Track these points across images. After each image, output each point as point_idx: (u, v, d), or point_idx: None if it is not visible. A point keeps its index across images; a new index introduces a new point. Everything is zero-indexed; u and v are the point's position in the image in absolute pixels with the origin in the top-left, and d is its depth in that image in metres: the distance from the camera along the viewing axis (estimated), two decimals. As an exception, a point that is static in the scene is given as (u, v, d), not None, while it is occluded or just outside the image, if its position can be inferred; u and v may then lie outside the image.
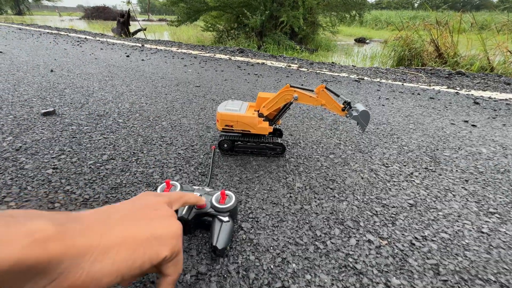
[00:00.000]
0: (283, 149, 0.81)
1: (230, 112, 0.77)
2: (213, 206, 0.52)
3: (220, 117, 0.77)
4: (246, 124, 0.77)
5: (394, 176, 0.76)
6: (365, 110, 0.75)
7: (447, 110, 1.41)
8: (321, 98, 0.77)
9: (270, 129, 0.79)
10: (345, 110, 0.77)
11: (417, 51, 4.27)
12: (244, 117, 0.76)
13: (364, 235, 0.54)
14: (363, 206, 0.62)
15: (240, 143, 0.80)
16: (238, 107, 0.80)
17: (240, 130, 0.78)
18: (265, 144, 0.80)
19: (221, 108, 0.79)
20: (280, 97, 0.77)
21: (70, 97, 1.30)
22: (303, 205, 0.62)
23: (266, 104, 0.79)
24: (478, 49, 3.60)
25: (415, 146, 0.96)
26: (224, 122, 0.77)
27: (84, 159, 0.76)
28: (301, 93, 0.76)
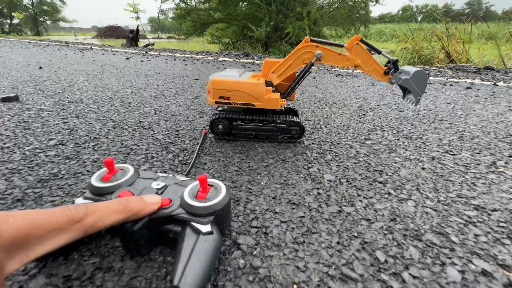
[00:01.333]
0: (301, 131, 0.58)
1: (227, 79, 0.54)
2: (184, 205, 0.28)
3: (212, 85, 0.54)
4: (249, 95, 0.54)
5: (470, 166, 0.51)
6: (420, 70, 0.52)
7: (495, 98, 1.16)
8: (354, 56, 0.54)
9: (282, 102, 0.56)
10: (389, 74, 0.55)
11: (427, 58, 4.08)
12: (246, 84, 0.54)
13: (470, 261, 0.28)
14: (443, 209, 0.37)
15: (241, 122, 0.57)
16: (238, 73, 0.58)
17: (241, 104, 0.55)
18: (275, 124, 0.57)
19: (214, 75, 0.57)
20: (297, 57, 0.55)
21: (46, 87, 1.12)
22: (342, 207, 0.37)
23: (277, 68, 0.56)
24: (491, 55, 3.43)
25: (478, 131, 0.71)
26: (218, 92, 0.55)
27: (23, 144, 0.54)
28: (327, 49, 0.54)
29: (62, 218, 0.20)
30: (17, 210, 0.34)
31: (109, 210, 0.23)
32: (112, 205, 0.24)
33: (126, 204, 0.25)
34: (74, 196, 0.38)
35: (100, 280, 0.25)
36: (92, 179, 0.31)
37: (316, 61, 0.54)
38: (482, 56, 3.60)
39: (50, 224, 0.19)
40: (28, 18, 21.08)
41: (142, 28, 7.70)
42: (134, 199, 0.26)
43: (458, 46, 3.83)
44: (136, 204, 0.25)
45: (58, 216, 0.20)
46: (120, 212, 0.24)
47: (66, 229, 0.20)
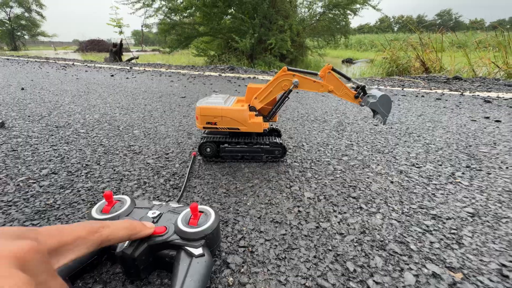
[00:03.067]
0: (283, 151, 0.63)
1: (213, 106, 0.59)
2: (178, 231, 0.32)
3: (200, 112, 0.59)
4: (234, 120, 0.59)
5: (432, 178, 0.57)
6: (385, 94, 0.59)
7: (461, 108, 1.27)
8: (327, 82, 0.61)
9: (265, 125, 0.61)
10: (359, 97, 0.61)
11: (404, 66, 4.36)
12: (230, 111, 0.59)
13: (424, 265, 0.34)
14: (406, 220, 0.43)
15: (227, 145, 0.61)
16: (223, 100, 0.62)
17: (227, 128, 0.60)
18: (260, 145, 0.62)
19: (201, 102, 0.61)
20: (276, 84, 0.61)
21: (31, 110, 1.12)
22: (319, 223, 0.42)
23: (259, 94, 0.62)
24: (461, 63, 3.71)
25: (442, 143, 0.79)
26: (205, 118, 0.59)
27: (15, 175, 0.56)
28: (303, 77, 0.60)
29: (84, 229, 0.24)
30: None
31: (119, 226, 0.27)
32: (120, 223, 0.28)
33: (131, 224, 0.28)
34: (72, 226, 0.40)
35: (104, 305, 0.28)
36: (92, 211, 0.34)
37: (294, 87, 0.60)
38: (454, 64, 3.88)
39: (74, 234, 0.23)
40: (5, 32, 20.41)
41: (126, 42, 7.66)
42: (136, 221, 0.30)
43: (432, 55, 4.11)
44: (138, 225, 0.29)
45: (80, 228, 0.24)
46: (127, 229, 0.27)
47: (87, 239, 0.24)
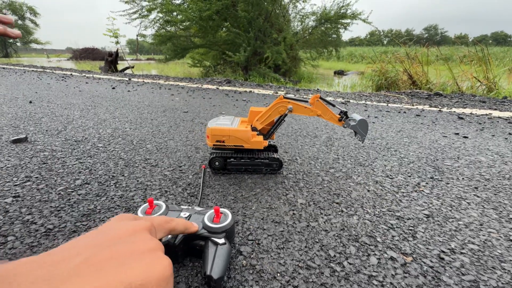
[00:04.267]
0: (280, 164, 0.75)
1: (221, 127, 0.71)
2: (205, 227, 0.43)
3: (211, 132, 0.71)
4: (239, 139, 0.71)
5: (401, 187, 0.70)
6: (363, 119, 0.73)
7: (436, 125, 1.43)
8: (316, 108, 0.74)
9: (265, 143, 0.73)
10: (342, 120, 0.75)
11: (393, 79, 4.61)
12: (236, 131, 0.71)
13: (385, 252, 0.46)
14: (376, 220, 0.55)
15: (233, 160, 0.73)
16: (230, 121, 0.75)
17: (233, 146, 0.72)
18: (260, 160, 0.74)
19: (211, 123, 0.73)
20: (274, 109, 0.73)
21: (47, 125, 1.21)
22: (309, 222, 0.54)
23: (260, 117, 0.74)
24: (446, 77, 3.94)
25: (414, 157, 0.93)
26: (215, 137, 0.71)
27: (54, 185, 0.66)
28: (296, 104, 0.73)
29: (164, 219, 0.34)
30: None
31: (179, 222, 0.37)
32: (180, 220, 0.37)
33: (186, 222, 0.39)
34: (115, 226, 0.51)
35: (154, 280, 0.39)
36: (138, 213, 0.45)
37: (289, 112, 0.73)
38: (440, 78, 4.14)
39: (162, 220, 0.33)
40: (-3, 40, 20.19)
41: (121, 51, 7.77)
42: (188, 221, 0.40)
43: (418, 68, 4.37)
44: (189, 223, 0.39)
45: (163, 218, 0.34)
46: (184, 225, 0.37)
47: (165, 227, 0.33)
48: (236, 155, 0.74)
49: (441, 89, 3.78)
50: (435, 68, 4.33)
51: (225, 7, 5.60)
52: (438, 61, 4.99)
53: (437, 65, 4.54)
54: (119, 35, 7.72)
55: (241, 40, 5.54)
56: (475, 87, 3.64)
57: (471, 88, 3.65)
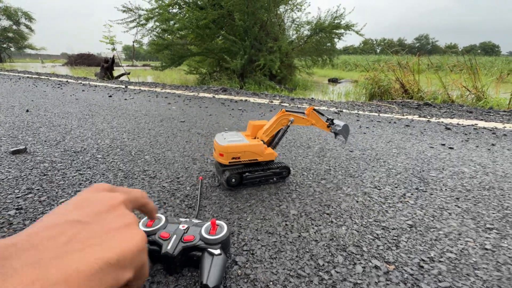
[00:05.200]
0: (288, 171, 0.80)
1: (236, 143, 0.72)
2: (202, 238, 0.46)
3: (226, 150, 0.70)
4: (254, 153, 0.74)
5: (388, 198, 0.74)
6: (345, 124, 0.81)
7: (424, 135, 1.49)
8: (311, 118, 0.79)
9: (275, 153, 0.78)
10: (329, 127, 0.81)
11: (385, 88, 4.73)
12: (251, 146, 0.73)
13: (370, 261, 0.49)
14: (363, 230, 0.59)
15: (248, 174, 0.75)
16: (239, 137, 0.76)
17: (247, 160, 0.75)
18: (271, 170, 0.77)
19: (223, 142, 0.73)
20: (278, 122, 0.78)
21: (45, 135, 1.23)
22: (300, 233, 0.57)
23: (265, 130, 0.78)
24: (437, 85, 4.05)
25: (401, 168, 0.97)
26: (231, 154, 0.71)
27: (55, 197, 0.68)
28: (296, 116, 0.78)
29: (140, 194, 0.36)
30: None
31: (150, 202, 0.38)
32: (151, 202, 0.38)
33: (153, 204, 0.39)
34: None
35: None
36: (140, 224, 0.48)
37: (291, 123, 0.78)
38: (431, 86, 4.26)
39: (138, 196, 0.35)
40: (-10, 44, 20.05)
41: (117, 58, 7.80)
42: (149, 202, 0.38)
43: (410, 77, 4.48)
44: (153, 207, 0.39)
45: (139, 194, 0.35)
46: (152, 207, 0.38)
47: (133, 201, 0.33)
48: (249, 169, 0.75)
49: (432, 98, 3.89)
50: (427, 77, 4.45)
51: (221, 16, 5.70)
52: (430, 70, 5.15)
53: (428, 74, 4.68)
54: (115, 42, 7.75)
55: (237, 48, 5.63)
56: (464, 96, 3.77)
57: (461, 97, 3.77)
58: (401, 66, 4.71)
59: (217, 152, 0.74)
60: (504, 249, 0.54)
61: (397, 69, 4.61)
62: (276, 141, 0.80)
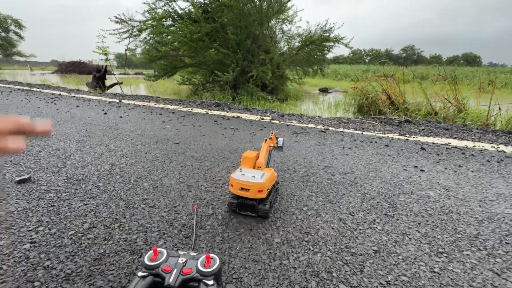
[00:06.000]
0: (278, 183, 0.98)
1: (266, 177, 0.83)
2: (198, 271, 0.55)
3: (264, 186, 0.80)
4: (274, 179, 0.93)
5: (360, 224, 0.86)
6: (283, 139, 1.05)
7: (400, 156, 1.63)
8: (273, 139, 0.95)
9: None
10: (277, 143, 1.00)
11: (373, 99, 4.95)
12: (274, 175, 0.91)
13: (338, 286, 0.60)
14: (334, 257, 0.69)
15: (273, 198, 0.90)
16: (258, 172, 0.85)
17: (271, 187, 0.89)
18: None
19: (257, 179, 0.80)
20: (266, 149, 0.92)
21: (46, 160, 1.30)
22: (282, 261, 0.67)
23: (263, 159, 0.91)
24: (422, 97, 4.25)
25: (375, 193, 1.09)
26: (268, 187, 0.83)
27: (64, 229, 0.76)
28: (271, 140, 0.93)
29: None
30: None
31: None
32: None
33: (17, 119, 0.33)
34: (125, 270, 0.62)
35: (160, 316, 0.50)
36: (145, 259, 0.57)
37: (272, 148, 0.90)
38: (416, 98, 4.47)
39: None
40: (-22, 52, 19.68)
41: (110, 67, 7.83)
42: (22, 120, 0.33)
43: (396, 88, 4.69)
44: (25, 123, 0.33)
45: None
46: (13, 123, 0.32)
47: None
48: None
49: (416, 109, 4.11)
50: (412, 88, 4.68)
51: (215, 30, 5.86)
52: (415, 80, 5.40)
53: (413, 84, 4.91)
54: (108, 53, 7.79)
55: (230, 61, 5.79)
56: (446, 107, 3.99)
57: (444, 108, 3.99)
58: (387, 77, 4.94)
59: (254, 189, 0.79)
60: (449, 271, 0.66)
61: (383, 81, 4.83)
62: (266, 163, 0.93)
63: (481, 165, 1.51)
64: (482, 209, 0.98)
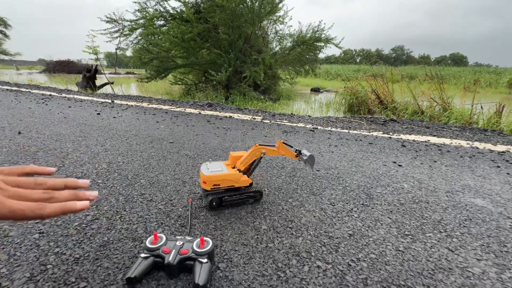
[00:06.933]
0: (261, 195, 0.98)
1: (216, 173, 0.91)
2: (194, 251, 0.64)
3: (209, 179, 0.89)
4: (232, 180, 0.93)
5: (338, 212, 0.96)
6: (311, 154, 0.97)
7: (382, 153, 1.74)
8: (281, 150, 0.98)
9: (250, 180, 0.96)
10: (298, 156, 1.00)
11: (363, 99, 5.10)
12: (229, 175, 0.92)
13: (315, 262, 0.69)
14: (314, 240, 0.79)
15: (227, 197, 0.93)
16: (220, 167, 0.95)
17: (226, 186, 0.93)
18: (247, 194, 0.96)
19: (206, 171, 0.91)
20: (252, 155, 0.96)
21: (45, 160, 1.35)
22: (267, 244, 0.76)
23: (242, 161, 0.97)
24: (409, 96, 4.41)
25: (355, 186, 1.20)
26: (212, 182, 0.90)
27: (69, 221, 0.83)
28: (267, 148, 0.97)
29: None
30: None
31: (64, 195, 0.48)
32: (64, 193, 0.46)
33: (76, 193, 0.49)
34: (128, 254, 0.70)
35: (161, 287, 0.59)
36: (146, 243, 0.65)
37: (263, 155, 0.96)
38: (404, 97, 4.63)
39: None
40: (-40, 50, 19.06)
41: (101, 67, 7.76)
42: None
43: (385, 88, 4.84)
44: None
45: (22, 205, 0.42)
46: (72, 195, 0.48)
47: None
48: (228, 193, 0.93)
49: (404, 108, 4.26)
50: (400, 87, 4.84)
51: (207, 30, 5.91)
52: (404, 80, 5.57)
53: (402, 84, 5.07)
54: (99, 52, 7.72)
55: (222, 61, 5.85)
56: (432, 106, 4.16)
57: (430, 107, 4.16)
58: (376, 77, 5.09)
59: (201, 180, 0.92)
60: (412, 249, 0.76)
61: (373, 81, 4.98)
62: (251, 169, 0.99)
63: (454, 160, 1.64)
64: (448, 198, 1.10)
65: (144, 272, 0.61)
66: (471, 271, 0.68)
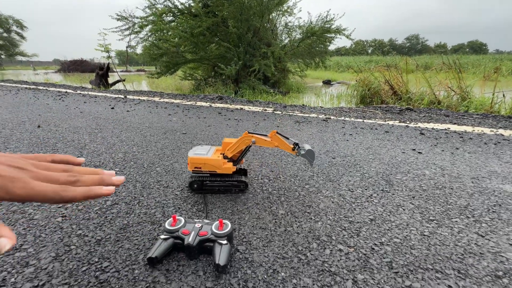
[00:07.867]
0: (246, 185, 0.94)
1: (198, 156, 0.89)
2: (213, 233, 0.63)
3: (190, 161, 0.89)
4: (213, 166, 0.90)
5: (358, 198, 0.93)
6: (310, 149, 0.91)
7: (399, 141, 1.68)
8: (274, 141, 0.92)
9: (233, 168, 0.92)
10: (295, 150, 0.93)
11: (375, 90, 4.94)
12: (210, 160, 0.89)
13: (336, 246, 0.67)
14: (334, 224, 0.77)
15: (208, 182, 0.92)
16: (206, 151, 0.93)
17: (208, 171, 0.92)
18: (230, 182, 0.93)
19: (190, 153, 0.91)
20: (241, 142, 0.92)
21: (64, 151, 1.39)
22: (286, 228, 0.75)
23: (230, 148, 0.93)
24: (425, 86, 4.23)
25: (374, 172, 1.16)
26: (194, 164, 0.89)
27: (90, 206, 0.85)
28: (257, 137, 0.91)
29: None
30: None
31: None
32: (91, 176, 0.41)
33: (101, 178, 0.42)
34: (148, 236, 0.70)
35: (181, 268, 0.59)
36: (166, 225, 0.65)
37: (253, 144, 0.92)
38: (419, 87, 4.45)
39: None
40: (-20, 52, 19.88)
41: (113, 65, 7.89)
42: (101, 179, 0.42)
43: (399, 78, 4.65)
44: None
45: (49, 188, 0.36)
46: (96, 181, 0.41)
47: None
48: (211, 178, 0.92)
49: (420, 99, 4.10)
50: (415, 77, 4.64)
51: (215, 24, 5.88)
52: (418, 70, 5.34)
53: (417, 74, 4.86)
54: (110, 50, 7.84)
55: (232, 55, 5.81)
56: (450, 96, 3.98)
57: (447, 97, 3.98)
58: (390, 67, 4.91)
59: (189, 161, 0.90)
60: (438, 234, 0.73)
61: (386, 71, 4.80)
62: (240, 157, 0.94)
63: (478, 147, 1.56)
64: (474, 185, 1.05)
65: (165, 252, 0.61)
66: (504, 256, 0.64)
